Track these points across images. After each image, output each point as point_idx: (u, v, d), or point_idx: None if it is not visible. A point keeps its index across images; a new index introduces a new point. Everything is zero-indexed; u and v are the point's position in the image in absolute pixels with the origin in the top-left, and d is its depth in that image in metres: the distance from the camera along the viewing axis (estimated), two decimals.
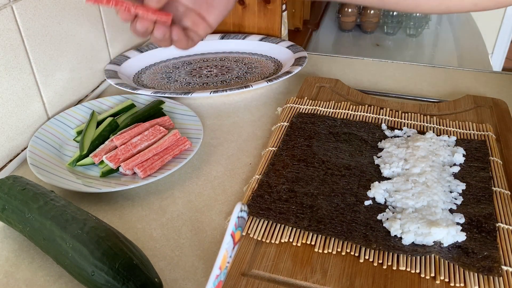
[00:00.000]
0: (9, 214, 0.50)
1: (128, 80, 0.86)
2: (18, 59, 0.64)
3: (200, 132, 0.67)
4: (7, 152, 0.64)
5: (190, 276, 0.48)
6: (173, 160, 0.62)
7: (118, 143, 0.63)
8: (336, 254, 0.47)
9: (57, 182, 0.57)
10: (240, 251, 0.47)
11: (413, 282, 0.44)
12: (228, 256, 0.34)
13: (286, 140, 0.64)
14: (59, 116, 0.71)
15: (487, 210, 0.52)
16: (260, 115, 0.76)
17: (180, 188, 0.60)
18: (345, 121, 0.69)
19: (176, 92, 0.77)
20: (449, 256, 0.46)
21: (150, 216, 0.56)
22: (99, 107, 0.75)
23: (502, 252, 0.47)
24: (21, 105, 0.66)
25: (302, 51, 0.91)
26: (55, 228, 0.46)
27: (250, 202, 0.53)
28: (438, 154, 0.60)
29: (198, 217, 0.55)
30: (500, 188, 0.55)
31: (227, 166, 0.64)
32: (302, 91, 0.78)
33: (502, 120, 0.70)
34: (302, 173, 0.58)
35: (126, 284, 0.41)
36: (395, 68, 0.92)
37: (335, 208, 0.52)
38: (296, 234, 0.49)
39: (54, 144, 0.66)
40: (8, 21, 0.62)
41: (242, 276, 0.45)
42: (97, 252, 0.42)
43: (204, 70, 0.91)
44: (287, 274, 0.45)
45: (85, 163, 0.62)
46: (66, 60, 0.75)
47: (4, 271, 0.49)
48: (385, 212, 0.51)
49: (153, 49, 0.96)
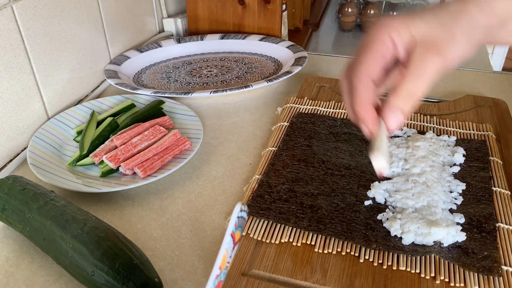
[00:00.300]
0: (9, 214, 0.50)
1: (128, 80, 0.86)
2: (18, 59, 0.64)
3: (200, 132, 0.67)
4: (7, 152, 0.64)
5: (190, 276, 0.48)
6: (173, 160, 0.62)
7: (118, 143, 0.63)
8: (336, 254, 0.47)
9: (57, 182, 0.57)
10: (240, 251, 0.47)
11: (413, 282, 0.44)
12: (228, 256, 0.34)
13: (286, 140, 0.64)
14: (59, 116, 0.71)
15: (487, 210, 0.52)
16: (260, 115, 0.76)
17: (180, 188, 0.60)
18: (345, 121, 0.68)
19: (176, 92, 0.77)
20: (449, 256, 0.46)
21: (150, 216, 0.56)
22: (99, 107, 0.75)
23: (502, 252, 0.47)
24: (21, 105, 0.66)
25: (302, 51, 0.91)
26: (55, 228, 0.46)
27: (250, 202, 0.53)
28: (438, 154, 0.60)
29: (198, 217, 0.55)
30: (500, 188, 0.55)
31: (227, 166, 0.64)
32: (302, 91, 0.78)
33: (502, 120, 0.70)
34: (302, 173, 0.58)
35: (126, 284, 0.41)
36: None
37: (335, 208, 0.52)
38: (296, 234, 0.49)
39: (54, 144, 0.66)
40: (8, 21, 0.62)
41: (242, 276, 0.45)
42: (97, 252, 0.42)
43: (204, 70, 0.91)
44: (287, 274, 0.45)
45: (85, 163, 0.62)
46: (66, 60, 0.75)
47: (4, 271, 0.49)
48: (385, 212, 0.51)
49: (153, 49, 0.96)
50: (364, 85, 0.39)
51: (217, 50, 0.99)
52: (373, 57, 0.39)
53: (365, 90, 0.39)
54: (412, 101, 0.39)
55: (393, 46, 0.39)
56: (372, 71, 0.39)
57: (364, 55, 0.39)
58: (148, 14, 1.02)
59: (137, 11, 0.96)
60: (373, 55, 0.39)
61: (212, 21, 1.03)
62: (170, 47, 0.98)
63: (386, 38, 0.38)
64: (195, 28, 1.05)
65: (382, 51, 0.39)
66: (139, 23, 0.98)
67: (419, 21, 0.38)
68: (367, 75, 0.39)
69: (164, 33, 1.07)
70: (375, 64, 0.39)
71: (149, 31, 1.03)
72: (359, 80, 0.39)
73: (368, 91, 0.39)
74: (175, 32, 1.09)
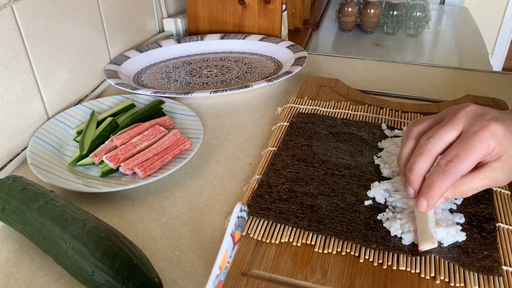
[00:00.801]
0: (9, 214, 0.50)
1: (128, 80, 0.86)
2: (18, 59, 0.64)
3: (200, 132, 0.67)
4: (7, 152, 0.64)
5: (190, 276, 0.48)
6: (173, 160, 0.62)
7: (118, 143, 0.63)
8: (336, 254, 0.47)
9: (57, 182, 0.57)
10: (240, 251, 0.47)
11: (413, 282, 0.44)
12: (228, 256, 0.34)
13: (286, 140, 0.64)
14: (59, 116, 0.71)
15: (487, 210, 0.52)
16: (260, 115, 0.76)
17: (180, 188, 0.60)
18: (345, 121, 0.69)
19: (176, 92, 0.77)
20: (449, 256, 0.46)
21: (150, 216, 0.56)
22: (99, 107, 0.75)
23: (502, 252, 0.47)
24: (21, 105, 0.66)
25: (302, 51, 0.91)
26: (55, 228, 0.46)
27: (250, 202, 0.53)
28: None
29: (198, 217, 0.55)
30: (500, 188, 0.55)
31: (227, 166, 0.64)
32: (302, 91, 0.78)
33: None
34: (302, 173, 0.58)
35: (126, 284, 0.41)
36: (395, 68, 0.92)
37: (335, 208, 0.52)
38: (296, 234, 0.49)
39: (54, 144, 0.66)
40: (8, 21, 0.62)
41: (242, 276, 0.45)
42: (97, 252, 0.42)
43: (204, 70, 0.91)
44: (287, 274, 0.45)
45: (85, 163, 0.62)
46: (66, 60, 0.75)
47: (4, 271, 0.49)
48: (385, 212, 0.51)
49: (153, 49, 0.96)
50: (429, 159, 0.43)
51: (217, 50, 0.99)
52: (474, 154, 0.42)
53: (428, 164, 0.43)
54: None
55: (490, 151, 0.43)
56: (445, 150, 0.43)
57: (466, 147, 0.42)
58: (148, 14, 1.02)
59: (137, 11, 0.96)
60: (474, 153, 0.42)
61: (212, 21, 1.03)
62: (170, 47, 0.98)
63: (491, 147, 0.42)
64: (195, 28, 1.05)
65: (483, 155, 0.42)
66: (139, 23, 0.98)
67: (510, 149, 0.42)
68: (438, 152, 0.43)
69: (164, 33, 1.07)
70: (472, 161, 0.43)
71: (149, 31, 1.03)
72: (429, 151, 0.43)
73: (428, 165, 0.43)
74: (175, 32, 1.09)
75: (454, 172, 0.43)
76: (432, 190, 0.44)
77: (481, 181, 0.43)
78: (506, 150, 0.43)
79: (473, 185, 0.43)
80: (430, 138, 0.44)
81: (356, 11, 1.20)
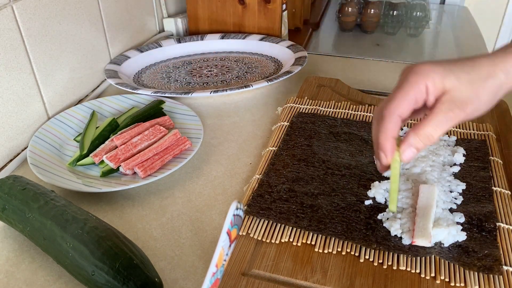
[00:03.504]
0: (9, 213, 0.50)
1: (128, 80, 0.86)
2: (18, 59, 0.64)
3: (200, 132, 0.67)
4: (7, 152, 0.64)
5: (190, 275, 0.48)
6: (173, 160, 0.62)
7: (118, 143, 0.63)
8: (336, 254, 0.47)
9: (58, 182, 0.57)
10: (240, 251, 0.47)
11: (413, 282, 0.44)
12: (225, 254, 0.34)
13: (286, 140, 0.64)
14: (59, 116, 0.71)
15: (487, 210, 0.52)
16: (260, 114, 0.76)
17: (180, 188, 0.60)
18: (345, 120, 0.69)
19: (176, 92, 0.77)
20: (450, 256, 0.46)
21: (150, 216, 0.56)
22: (99, 107, 0.75)
23: (503, 251, 0.47)
24: (21, 105, 0.66)
25: (302, 50, 0.91)
26: (55, 228, 0.46)
27: (250, 201, 0.53)
28: (438, 153, 0.60)
29: (198, 217, 0.55)
30: (500, 188, 0.55)
31: (227, 165, 0.64)
32: (302, 91, 0.78)
33: (502, 120, 0.70)
34: (302, 173, 0.58)
35: (126, 283, 0.41)
36: (395, 68, 0.92)
37: (335, 207, 0.52)
38: (296, 234, 0.49)
39: (54, 144, 0.66)
40: (8, 21, 0.62)
41: (242, 275, 0.45)
42: (97, 252, 0.42)
43: (204, 70, 0.91)
44: (287, 274, 0.45)
45: (85, 162, 0.62)
46: (66, 60, 0.75)
47: (5, 271, 0.49)
48: (385, 212, 0.51)
49: (153, 49, 0.96)
50: (392, 120, 0.45)
51: (217, 50, 0.99)
52: (406, 99, 0.44)
53: (392, 125, 0.45)
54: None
55: (426, 93, 0.44)
56: (402, 109, 0.44)
57: (399, 95, 0.45)
58: (148, 14, 1.02)
59: (137, 11, 0.96)
60: (407, 97, 0.44)
61: (212, 21, 1.03)
62: (170, 47, 0.98)
63: (422, 86, 0.44)
64: (195, 28, 1.05)
65: (416, 95, 0.44)
66: (139, 23, 0.98)
67: (453, 77, 0.43)
68: (397, 113, 0.44)
69: (164, 33, 1.07)
70: (407, 104, 0.44)
71: (149, 31, 1.03)
72: (389, 115, 0.45)
73: (394, 126, 0.45)
74: (175, 32, 1.09)
75: (389, 113, 0.44)
76: (380, 139, 0.45)
77: (437, 117, 0.44)
78: (444, 82, 0.43)
79: (432, 124, 0.44)
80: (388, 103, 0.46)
81: (356, 11, 1.20)
